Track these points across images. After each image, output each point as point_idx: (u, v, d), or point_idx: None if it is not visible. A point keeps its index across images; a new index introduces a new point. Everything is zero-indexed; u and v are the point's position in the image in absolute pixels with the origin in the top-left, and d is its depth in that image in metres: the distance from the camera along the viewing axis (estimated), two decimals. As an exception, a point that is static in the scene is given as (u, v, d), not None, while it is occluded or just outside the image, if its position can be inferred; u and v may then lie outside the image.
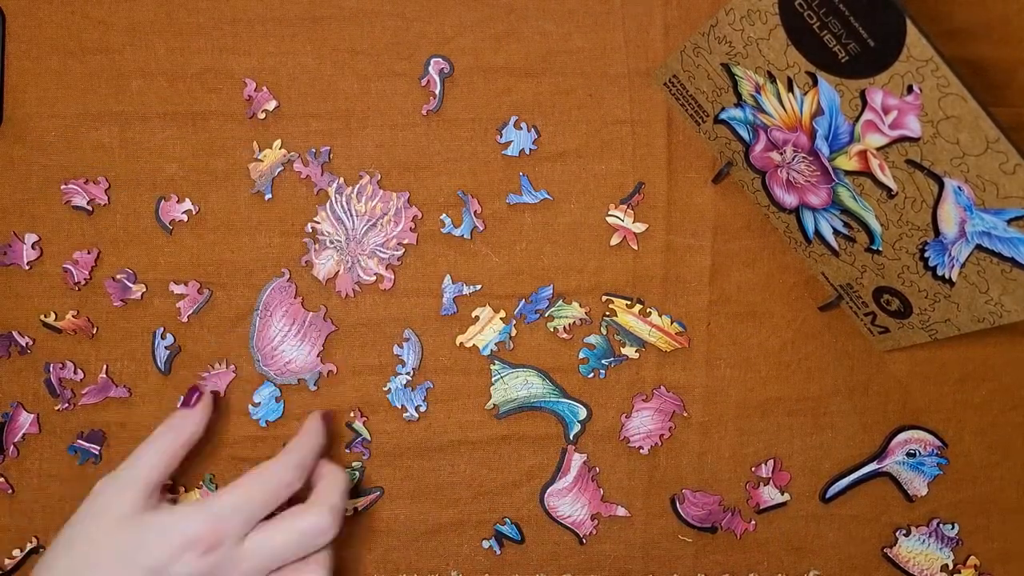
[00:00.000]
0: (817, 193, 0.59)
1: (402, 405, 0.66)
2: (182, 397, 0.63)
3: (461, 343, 0.66)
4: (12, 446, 0.65)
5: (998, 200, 0.48)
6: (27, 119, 0.65)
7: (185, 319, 0.65)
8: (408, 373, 0.66)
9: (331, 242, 0.66)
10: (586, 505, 0.66)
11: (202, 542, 0.53)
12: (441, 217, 0.66)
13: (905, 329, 0.61)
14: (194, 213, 0.65)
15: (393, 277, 0.66)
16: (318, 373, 0.66)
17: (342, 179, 0.66)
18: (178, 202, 0.65)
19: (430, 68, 0.66)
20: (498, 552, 0.66)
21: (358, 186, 0.65)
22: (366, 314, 0.66)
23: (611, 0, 0.66)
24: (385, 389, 0.66)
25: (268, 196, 0.65)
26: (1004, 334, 0.66)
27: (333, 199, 0.65)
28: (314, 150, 0.66)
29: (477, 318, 0.66)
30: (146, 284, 0.65)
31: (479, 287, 0.66)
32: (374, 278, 0.66)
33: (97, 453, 0.65)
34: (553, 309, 0.66)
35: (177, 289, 0.65)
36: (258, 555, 0.54)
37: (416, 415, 0.66)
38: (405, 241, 0.66)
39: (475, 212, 0.66)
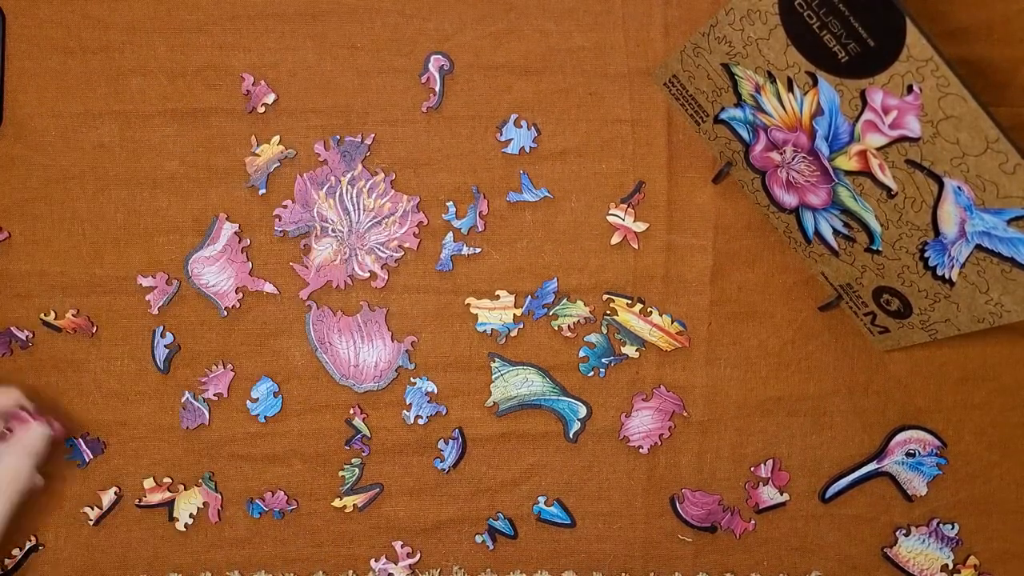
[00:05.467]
0: (817, 193, 0.58)
1: (410, 403, 0.66)
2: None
3: (468, 304, 0.66)
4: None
5: (998, 200, 0.48)
6: (27, 119, 0.65)
7: (155, 311, 0.65)
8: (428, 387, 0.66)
9: (333, 231, 0.66)
10: (232, 277, 0.66)
11: None
12: (447, 203, 0.66)
13: (905, 329, 0.61)
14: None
15: (387, 277, 0.66)
16: (406, 352, 0.66)
17: (358, 170, 0.65)
18: None
19: (430, 65, 0.66)
20: (491, 547, 0.66)
21: (371, 181, 0.65)
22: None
23: (611, -1, 0.66)
24: (412, 381, 0.66)
25: (262, 191, 0.65)
26: (1004, 334, 0.66)
27: (344, 189, 0.65)
28: (360, 136, 0.65)
29: (498, 296, 0.66)
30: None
31: (479, 249, 0.66)
32: (368, 274, 0.66)
33: (85, 460, 0.65)
34: (558, 308, 0.66)
35: (145, 282, 0.65)
36: None
37: (425, 419, 0.66)
38: (406, 244, 0.66)
39: (480, 212, 0.66)
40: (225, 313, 0.66)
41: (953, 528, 0.66)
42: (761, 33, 0.53)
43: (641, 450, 0.66)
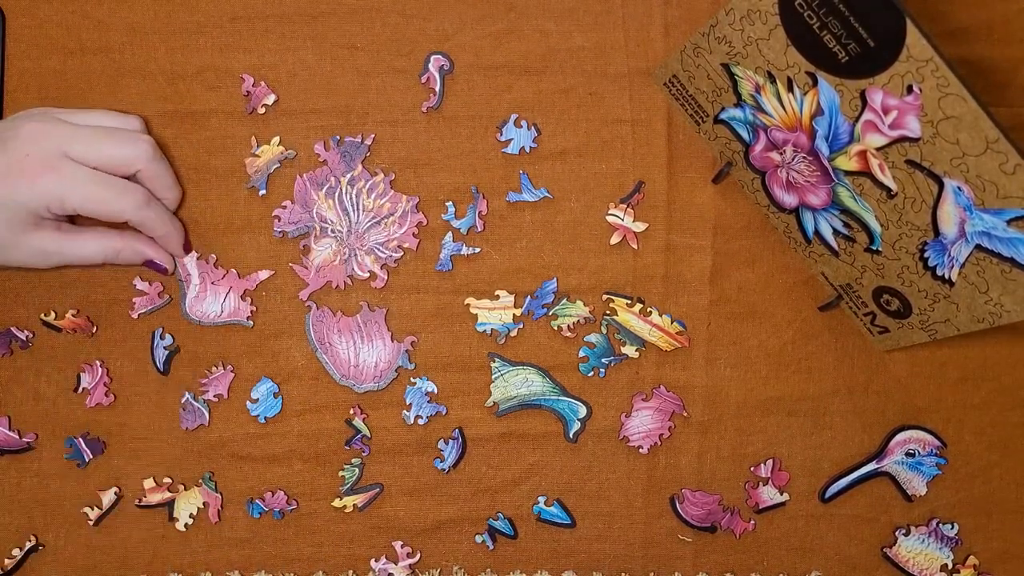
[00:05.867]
0: (817, 193, 0.59)
1: (410, 403, 0.66)
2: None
3: (468, 304, 0.66)
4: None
5: (998, 200, 0.48)
6: (27, 118, 0.65)
7: (135, 315, 0.65)
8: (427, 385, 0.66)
9: (332, 231, 0.66)
10: (229, 290, 0.65)
11: None
12: (446, 203, 0.66)
13: (905, 329, 0.61)
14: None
15: (386, 277, 0.66)
16: (406, 353, 0.66)
17: (357, 171, 0.65)
18: None
19: (430, 65, 0.66)
20: (491, 547, 0.66)
21: (371, 182, 0.65)
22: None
23: (611, -2, 0.66)
24: (412, 381, 0.66)
25: (262, 192, 0.65)
26: (1004, 334, 0.66)
27: (344, 189, 0.65)
28: (360, 136, 0.66)
29: (498, 296, 0.66)
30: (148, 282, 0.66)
31: (478, 249, 0.66)
32: (367, 275, 0.66)
33: (85, 460, 0.65)
34: (558, 308, 0.66)
35: (140, 286, 0.65)
36: None
37: (425, 419, 0.66)
38: (405, 245, 0.66)
39: (480, 212, 0.66)
40: (251, 323, 0.66)
41: (953, 528, 0.66)
42: (761, 33, 0.53)
43: (641, 450, 0.66)
